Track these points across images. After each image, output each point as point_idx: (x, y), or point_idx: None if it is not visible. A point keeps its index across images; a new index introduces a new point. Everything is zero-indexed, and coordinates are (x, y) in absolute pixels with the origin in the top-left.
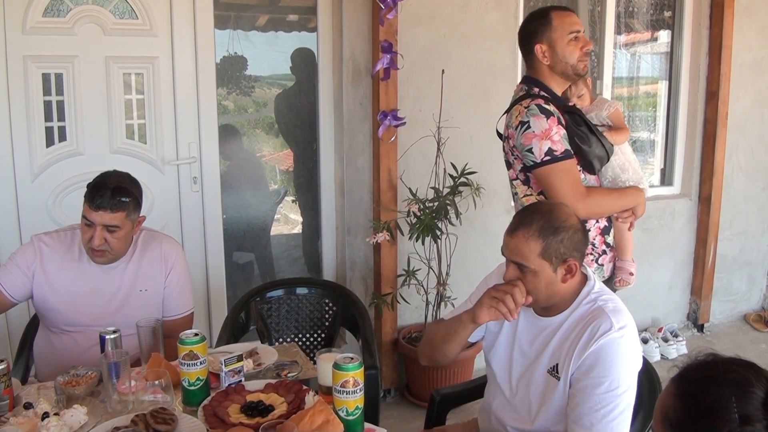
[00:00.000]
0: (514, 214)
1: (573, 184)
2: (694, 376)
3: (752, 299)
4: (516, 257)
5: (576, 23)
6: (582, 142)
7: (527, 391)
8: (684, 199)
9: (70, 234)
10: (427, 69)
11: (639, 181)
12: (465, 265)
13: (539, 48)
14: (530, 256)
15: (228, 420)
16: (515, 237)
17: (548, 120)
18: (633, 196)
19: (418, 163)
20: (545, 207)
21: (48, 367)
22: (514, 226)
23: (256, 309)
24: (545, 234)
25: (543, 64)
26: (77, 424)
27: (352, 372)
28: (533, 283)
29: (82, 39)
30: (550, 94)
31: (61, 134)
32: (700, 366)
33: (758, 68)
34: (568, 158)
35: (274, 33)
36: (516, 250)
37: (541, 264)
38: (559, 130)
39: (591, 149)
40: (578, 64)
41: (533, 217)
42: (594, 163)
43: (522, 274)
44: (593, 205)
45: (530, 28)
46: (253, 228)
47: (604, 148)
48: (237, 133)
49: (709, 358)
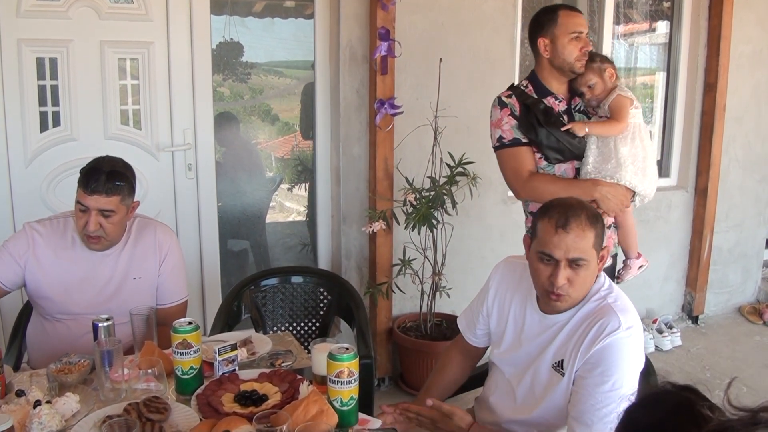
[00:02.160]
0: (543, 213)
1: (515, 168)
2: (630, 415)
3: (747, 291)
4: (575, 253)
5: (580, 24)
6: (527, 133)
7: (531, 385)
8: (680, 190)
9: (62, 221)
10: (425, 57)
11: (623, 176)
12: (461, 254)
13: (542, 41)
14: (587, 248)
15: (221, 409)
16: (570, 231)
17: (501, 111)
18: (583, 189)
19: (414, 152)
20: (573, 200)
21: (41, 355)
22: (563, 221)
23: (250, 297)
24: (593, 222)
25: (543, 56)
26: (69, 412)
27: (347, 362)
28: (582, 278)
29: (77, 23)
30: (537, 85)
31: (56, 119)
32: (640, 404)
33: (757, 60)
34: (516, 145)
35: (271, 19)
36: (574, 245)
37: (593, 255)
38: (510, 120)
39: (539, 140)
40: (575, 63)
41: (574, 209)
42: (548, 153)
43: (573, 272)
44: (531, 189)
45: (538, 21)
46: (248, 216)
47: (557, 139)
48: (233, 120)
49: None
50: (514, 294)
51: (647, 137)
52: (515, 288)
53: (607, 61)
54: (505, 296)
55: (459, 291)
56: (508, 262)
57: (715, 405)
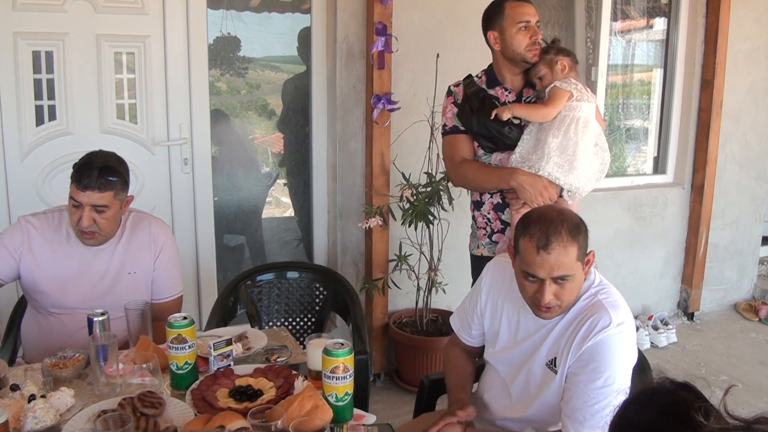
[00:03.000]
0: (524, 229)
1: (450, 154)
2: (625, 411)
3: (743, 288)
4: (558, 271)
5: (527, 14)
6: (464, 121)
7: (525, 383)
8: (677, 187)
9: (57, 215)
10: (422, 52)
11: (543, 167)
12: (457, 250)
13: (491, 34)
14: (571, 263)
15: (216, 404)
16: (552, 251)
17: (446, 99)
18: (501, 176)
19: (411, 147)
20: (551, 211)
21: (36, 349)
22: (544, 241)
23: (246, 292)
24: (575, 235)
25: (495, 49)
26: (64, 407)
27: (342, 358)
28: (569, 290)
29: (73, 16)
30: (490, 77)
31: (51, 113)
32: (634, 400)
33: (754, 57)
34: (454, 133)
35: (268, 14)
36: (557, 264)
37: (578, 267)
38: (453, 108)
39: (472, 128)
40: (526, 53)
41: (555, 224)
42: (480, 141)
43: (560, 287)
44: (460, 176)
45: (487, 14)
46: (244, 211)
47: (487, 128)
48: (229, 115)
49: (650, 386)
50: (506, 295)
51: (589, 134)
52: (507, 289)
53: (564, 53)
54: (498, 297)
55: (455, 287)
56: (498, 263)
57: (712, 407)
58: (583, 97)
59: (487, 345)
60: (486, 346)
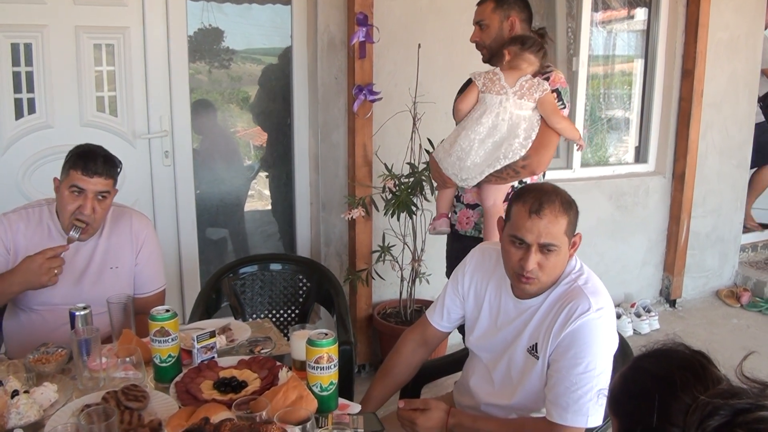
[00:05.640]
0: (518, 197)
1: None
2: (639, 362)
3: (724, 275)
4: (546, 238)
5: (475, 13)
6: None
7: (507, 370)
8: (658, 176)
9: (38, 210)
10: (403, 43)
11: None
12: (440, 241)
13: None
14: (559, 233)
15: (201, 396)
16: (543, 217)
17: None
18: None
19: (393, 138)
20: (548, 186)
21: (18, 345)
22: (537, 206)
23: (229, 285)
24: (566, 208)
25: None
26: (47, 402)
27: (326, 348)
28: (552, 264)
29: (52, 8)
30: None
31: (31, 106)
32: (650, 354)
33: (734, 47)
34: None
35: (248, 5)
36: (546, 230)
37: (565, 241)
38: None
39: None
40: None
41: (549, 195)
42: None
43: (544, 257)
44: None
45: None
46: (226, 203)
47: None
48: (210, 107)
49: (667, 346)
50: (489, 280)
51: (472, 125)
52: (490, 274)
53: (513, 41)
54: (481, 283)
55: (438, 277)
56: (483, 249)
57: (724, 376)
58: (491, 89)
59: (467, 331)
60: (466, 332)
